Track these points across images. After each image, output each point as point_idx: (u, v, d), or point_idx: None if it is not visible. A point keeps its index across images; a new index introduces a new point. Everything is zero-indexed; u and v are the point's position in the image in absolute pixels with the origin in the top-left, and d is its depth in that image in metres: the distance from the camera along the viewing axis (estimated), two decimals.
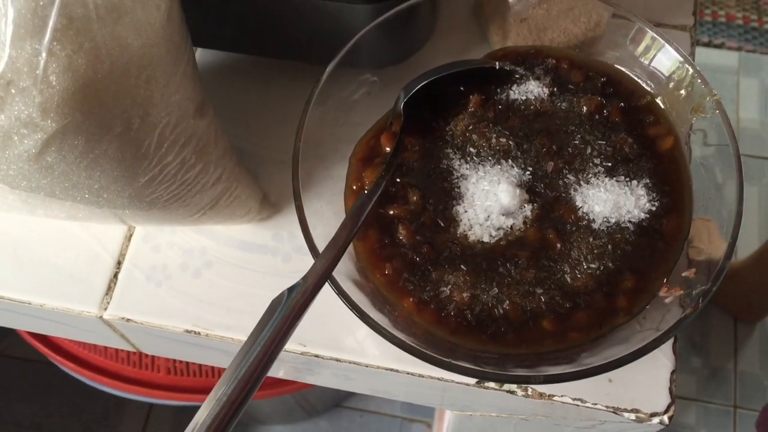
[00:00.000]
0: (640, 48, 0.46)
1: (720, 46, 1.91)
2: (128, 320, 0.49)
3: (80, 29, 0.37)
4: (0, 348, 1.49)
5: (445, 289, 0.42)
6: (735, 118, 1.78)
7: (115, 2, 0.38)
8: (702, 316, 1.53)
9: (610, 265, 0.42)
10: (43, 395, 1.45)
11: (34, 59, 0.36)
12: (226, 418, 0.32)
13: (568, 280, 0.42)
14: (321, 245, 0.40)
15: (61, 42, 0.36)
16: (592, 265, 0.42)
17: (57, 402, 1.43)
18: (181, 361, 0.92)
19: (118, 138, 0.40)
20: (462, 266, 0.42)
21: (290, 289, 0.37)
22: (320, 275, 0.37)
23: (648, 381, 0.46)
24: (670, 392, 0.46)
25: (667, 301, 0.41)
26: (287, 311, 0.35)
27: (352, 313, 0.39)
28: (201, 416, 0.33)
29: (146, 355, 0.92)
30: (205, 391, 0.92)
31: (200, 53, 0.56)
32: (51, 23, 0.36)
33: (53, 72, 0.36)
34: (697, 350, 1.52)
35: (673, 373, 0.47)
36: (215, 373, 0.92)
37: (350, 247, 0.43)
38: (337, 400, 1.42)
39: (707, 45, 1.91)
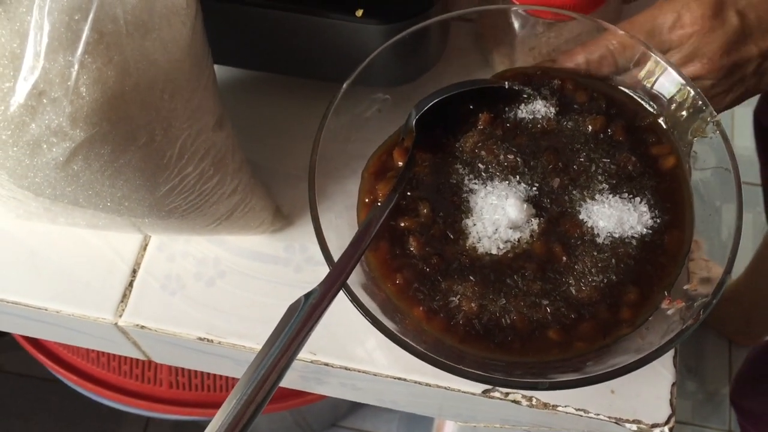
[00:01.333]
0: (644, 71, 0.48)
1: None
2: (142, 327, 0.50)
3: (110, 43, 0.38)
4: None
5: (454, 298, 0.43)
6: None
7: (143, 19, 0.40)
8: (697, 341, 1.55)
9: (614, 278, 0.43)
10: (40, 411, 1.45)
11: (66, 71, 0.38)
12: (248, 415, 0.33)
13: (573, 292, 0.43)
14: (335, 255, 0.42)
15: (92, 55, 0.38)
16: (597, 278, 0.43)
17: (54, 417, 1.43)
18: (183, 375, 0.93)
19: (142, 148, 0.41)
20: (471, 277, 0.43)
21: (307, 295, 0.38)
22: (335, 282, 0.39)
23: (649, 393, 0.48)
24: (671, 404, 0.48)
25: (669, 312, 0.42)
26: (305, 315, 0.37)
27: (364, 320, 0.40)
28: (221, 416, 0.34)
29: (148, 369, 0.93)
30: (207, 405, 0.93)
31: (218, 70, 0.57)
32: (84, 37, 0.38)
33: (84, 83, 0.38)
34: (692, 375, 1.53)
35: (673, 385, 0.48)
36: (217, 387, 0.93)
37: (362, 259, 0.44)
38: (334, 420, 1.42)
39: None
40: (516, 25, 0.51)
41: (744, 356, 1.53)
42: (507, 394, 0.48)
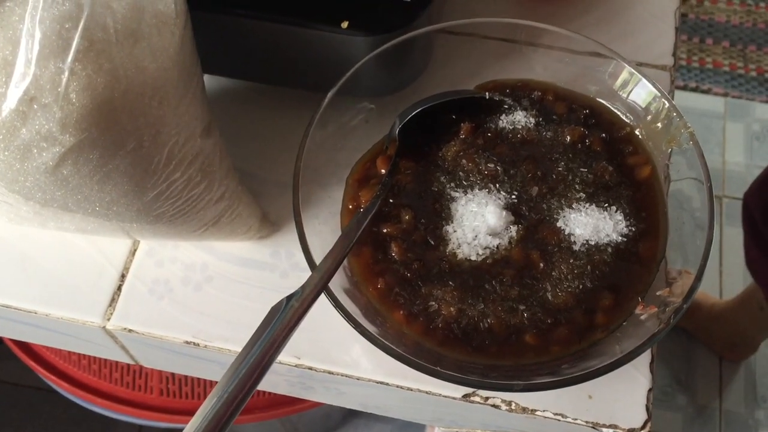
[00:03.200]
0: (619, 82, 0.49)
1: (707, 92, 1.96)
2: (130, 331, 0.51)
3: (100, 51, 0.40)
4: None
5: (433, 303, 0.44)
6: (721, 161, 1.82)
7: (133, 28, 0.41)
8: (688, 356, 1.56)
9: (589, 284, 0.44)
10: (31, 420, 1.45)
11: (56, 77, 0.39)
12: (228, 413, 0.34)
13: (550, 297, 0.44)
14: (318, 259, 0.43)
15: (83, 62, 0.39)
16: (572, 284, 0.44)
17: (46, 426, 1.44)
18: (173, 383, 0.93)
19: (131, 154, 0.42)
20: (450, 282, 0.44)
21: (289, 297, 0.39)
22: (317, 285, 0.40)
23: (626, 398, 0.49)
24: (647, 409, 0.48)
25: (642, 318, 0.43)
26: (287, 317, 0.38)
27: (347, 325, 0.41)
28: (201, 415, 0.35)
29: (139, 376, 0.94)
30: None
31: (208, 79, 0.59)
32: (74, 44, 0.39)
33: (74, 90, 0.39)
34: (683, 388, 1.54)
35: (650, 391, 0.49)
36: (207, 394, 0.94)
37: (345, 263, 0.45)
38: (325, 430, 1.42)
39: (695, 90, 1.96)
40: None
41: (733, 371, 1.54)
42: (487, 398, 0.48)
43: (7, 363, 1.47)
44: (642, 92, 0.48)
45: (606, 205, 0.46)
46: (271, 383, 0.56)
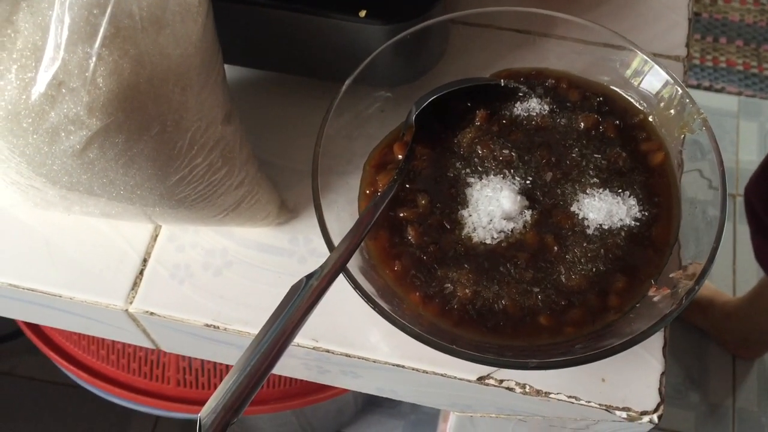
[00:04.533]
0: (632, 70, 0.50)
1: (720, 91, 1.96)
2: (152, 314, 0.52)
3: (126, 37, 0.41)
4: (7, 368, 1.51)
5: (449, 285, 0.45)
6: (735, 160, 1.82)
7: (158, 15, 0.42)
8: (701, 354, 1.55)
9: (602, 267, 0.45)
10: (49, 413, 1.47)
11: (84, 62, 0.40)
12: (250, 386, 0.35)
13: (563, 280, 0.45)
14: (337, 242, 0.44)
15: (109, 48, 0.40)
16: (586, 267, 0.45)
17: (63, 420, 1.45)
18: (190, 373, 0.94)
19: (154, 138, 0.44)
20: (465, 265, 0.45)
21: (308, 276, 0.40)
22: (336, 264, 0.41)
23: (639, 381, 0.49)
24: (660, 393, 0.49)
25: (655, 300, 0.44)
26: (306, 294, 0.39)
27: (364, 309, 0.42)
28: (222, 389, 0.36)
29: (156, 366, 0.95)
30: None
31: (228, 69, 0.60)
32: (101, 31, 0.40)
33: (100, 75, 0.40)
34: (696, 386, 1.54)
35: (662, 374, 0.50)
36: None
37: (362, 246, 0.46)
38: (338, 425, 1.43)
39: (708, 89, 1.96)
40: None
41: (747, 369, 1.54)
42: (501, 381, 0.49)
43: (25, 358, 1.49)
44: (655, 79, 0.49)
45: (619, 190, 0.47)
46: (288, 367, 0.57)
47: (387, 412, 1.46)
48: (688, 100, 0.47)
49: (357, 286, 0.42)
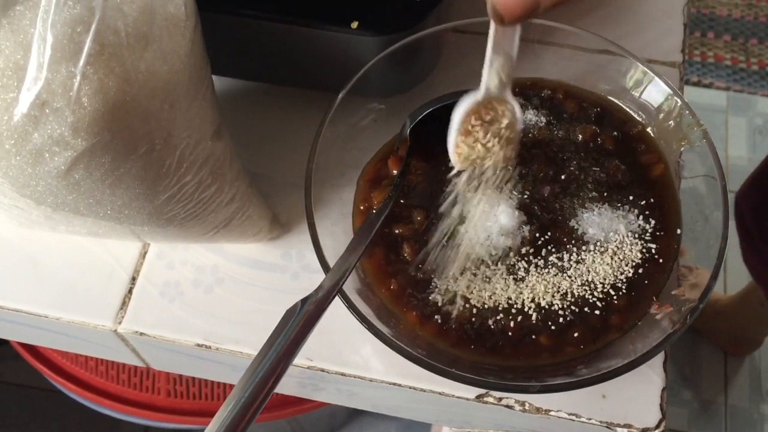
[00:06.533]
0: (632, 81, 0.49)
1: (709, 86, 1.96)
2: (141, 334, 0.51)
3: (112, 55, 0.39)
4: None
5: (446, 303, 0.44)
6: (724, 156, 1.81)
7: (144, 31, 0.41)
8: (693, 351, 1.55)
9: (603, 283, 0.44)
10: (38, 421, 1.45)
11: (68, 81, 0.38)
12: (245, 418, 0.34)
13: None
14: (331, 262, 0.43)
15: (94, 66, 0.39)
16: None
17: (53, 427, 1.44)
18: (181, 384, 0.93)
19: (142, 158, 0.42)
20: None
21: (303, 300, 0.39)
22: (332, 287, 0.40)
23: (640, 398, 0.49)
24: (661, 408, 0.48)
25: (657, 317, 0.43)
26: (302, 320, 0.38)
27: (359, 327, 0.41)
28: (218, 420, 0.35)
29: (146, 377, 0.94)
30: (205, 413, 0.93)
31: (218, 81, 0.59)
32: (86, 48, 0.38)
33: (85, 94, 0.39)
34: (687, 383, 1.54)
35: (663, 390, 0.49)
36: (215, 396, 0.94)
37: (358, 265, 0.45)
38: (331, 429, 1.42)
39: (696, 84, 1.96)
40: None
41: (738, 366, 1.54)
42: (500, 399, 0.48)
43: (13, 364, 1.47)
44: (654, 91, 0.48)
45: (619, 204, 0.46)
46: (282, 384, 0.56)
47: (380, 414, 1.45)
48: (687, 112, 0.46)
49: (353, 308, 0.41)
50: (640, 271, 0.45)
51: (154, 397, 0.93)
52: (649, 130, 0.49)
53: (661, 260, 0.45)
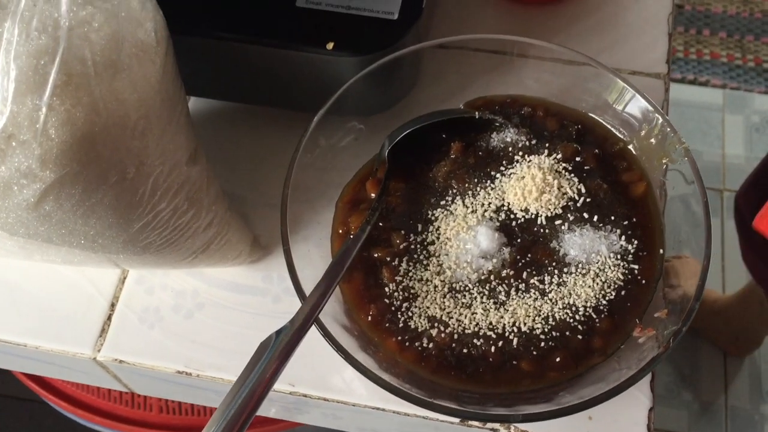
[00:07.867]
0: (613, 97, 0.48)
1: (705, 84, 1.95)
2: (121, 362, 0.50)
3: (79, 85, 0.39)
4: None
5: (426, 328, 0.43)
6: (721, 155, 1.80)
7: (112, 59, 0.40)
8: (692, 351, 1.55)
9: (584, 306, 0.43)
10: None
11: (34, 114, 0.38)
12: None
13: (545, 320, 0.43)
14: (308, 287, 0.42)
15: (61, 97, 0.38)
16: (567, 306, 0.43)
17: None
18: (173, 400, 0.92)
19: (114, 187, 0.42)
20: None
21: (278, 332, 0.38)
22: (306, 318, 0.39)
23: (627, 418, 0.48)
24: (648, 429, 0.48)
25: (640, 341, 0.42)
26: (275, 354, 0.37)
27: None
28: None
29: (138, 395, 0.93)
30: (197, 429, 0.93)
31: (193, 101, 0.58)
32: (51, 80, 0.38)
33: (52, 125, 0.38)
34: (687, 384, 1.53)
35: (650, 410, 0.48)
36: (207, 412, 0.93)
37: (337, 289, 0.44)
38: None
39: (692, 83, 1.95)
40: None
41: (738, 366, 1.54)
42: (485, 423, 0.48)
43: (9, 377, 1.47)
44: (635, 108, 0.47)
45: (600, 224, 0.45)
46: (264, 409, 0.55)
47: None
48: (669, 129, 0.45)
49: (331, 339, 0.40)
50: (623, 293, 0.44)
51: (146, 413, 0.93)
52: (630, 147, 0.48)
53: (643, 281, 0.44)
